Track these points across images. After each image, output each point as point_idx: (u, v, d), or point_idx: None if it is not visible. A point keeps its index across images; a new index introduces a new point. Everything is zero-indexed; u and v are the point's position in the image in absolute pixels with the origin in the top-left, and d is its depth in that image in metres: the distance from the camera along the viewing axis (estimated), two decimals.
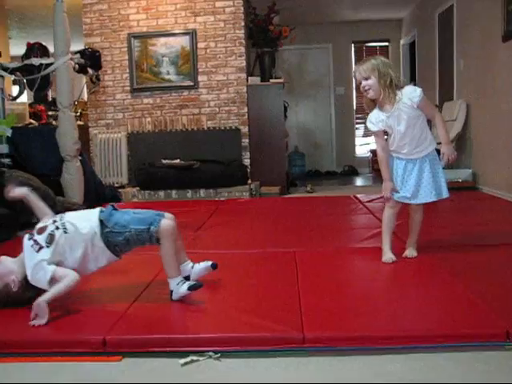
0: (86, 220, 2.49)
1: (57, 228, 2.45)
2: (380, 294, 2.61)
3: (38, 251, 2.40)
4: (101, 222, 2.47)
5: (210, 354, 2.03)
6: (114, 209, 2.58)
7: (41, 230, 2.46)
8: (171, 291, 2.47)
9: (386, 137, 3.14)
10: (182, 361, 1.99)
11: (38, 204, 2.65)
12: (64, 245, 2.42)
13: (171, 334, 2.14)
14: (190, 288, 2.43)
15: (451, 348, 2.01)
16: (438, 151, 3.08)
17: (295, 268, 3.01)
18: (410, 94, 2.95)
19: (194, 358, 2.01)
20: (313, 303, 2.41)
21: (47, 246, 2.40)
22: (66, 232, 2.44)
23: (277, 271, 3.00)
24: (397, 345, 2.03)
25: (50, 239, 2.42)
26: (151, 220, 2.46)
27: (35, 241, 2.43)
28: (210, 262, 2.74)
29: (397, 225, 3.19)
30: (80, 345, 2.09)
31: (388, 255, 3.06)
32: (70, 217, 2.53)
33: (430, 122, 3.18)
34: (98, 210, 2.55)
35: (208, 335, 2.11)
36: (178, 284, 2.45)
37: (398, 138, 3.02)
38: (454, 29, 7.09)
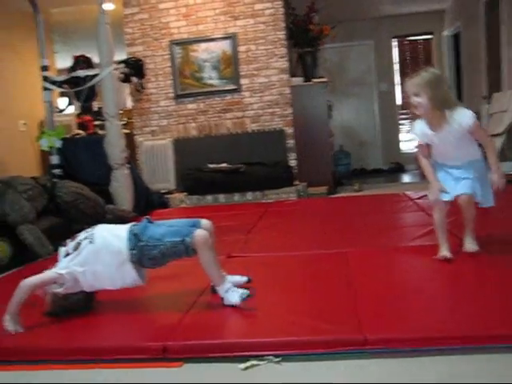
0: (114, 235, 2.50)
1: (85, 238, 2.49)
2: (439, 293, 2.55)
3: (65, 257, 2.48)
4: (135, 235, 2.46)
5: (271, 358, 2.01)
6: (149, 221, 2.58)
7: (74, 237, 2.53)
8: (222, 298, 2.46)
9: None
10: (243, 365, 1.98)
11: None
12: (87, 255, 2.45)
13: (231, 338, 2.14)
14: (243, 299, 2.42)
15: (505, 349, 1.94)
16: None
17: (348, 268, 2.97)
18: (461, 118, 2.82)
19: (255, 362, 2.00)
20: (370, 304, 2.38)
21: (71, 253, 2.48)
22: (91, 243, 2.46)
23: (330, 272, 2.96)
24: (464, 345, 1.97)
25: (76, 247, 2.48)
26: (186, 232, 2.44)
27: (67, 247, 2.51)
28: (245, 278, 2.72)
29: (452, 221, 3.12)
30: (141, 351, 2.10)
31: (442, 253, 2.99)
32: (101, 229, 2.55)
33: None
34: (128, 225, 2.54)
35: (268, 339, 2.09)
36: (226, 292, 2.44)
37: (443, 153, 2.97)
38: (501, 16, 6.92)
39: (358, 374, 1.89)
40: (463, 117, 2.82)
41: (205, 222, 2.60)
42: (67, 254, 2.49)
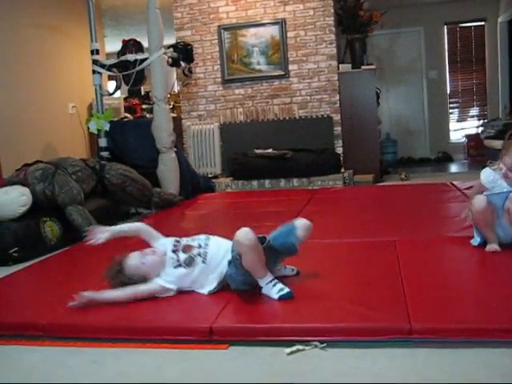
0: (224, 258, 2.50)
1: (199, 254, 2.51)
2: (486, 284, 2.50)
3: (175, 267, 2.50)
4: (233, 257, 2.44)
5: (316, 343, 2.02)
6: None
7: (186, 248, 2.54)
8: (260, 287, 2.43)
9: None
10: (288, 350, 1.99)
11: (143, 232, 2.75)
12: (199, 275, 2.50)
13: (276, 323, 2.15)
14: (281, 298, 2.36)
15: None
16: None
17: (396, 257, 2.95)
18: None
19: (300, 347, 2.01)
20: (417, 293, 2.35)
21: (184, 267, 2.49)
22: (204, 262, 2.50)
23: (378, 260, 2.94)
24: (509, 338, 1.94)
25: (189, 262, 2.50)
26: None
27: (178, 256, 2.52)
28: (295, 270, 2.72)
29: None
30: (188, 333, 2.13)
31: (491, 245, 2.94)
32: (214, 247, 2.55)
33: None
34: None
35: (314, 325, 2.10)
36: (267, 284, 2.41)
37: None
38: None
39: (402, 362, 1.88)
40: None
41: (302, 223, 2.65)
42: (178, 265, 2.50)
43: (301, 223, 2.62)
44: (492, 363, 1.83)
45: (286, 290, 2.38)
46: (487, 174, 3.03)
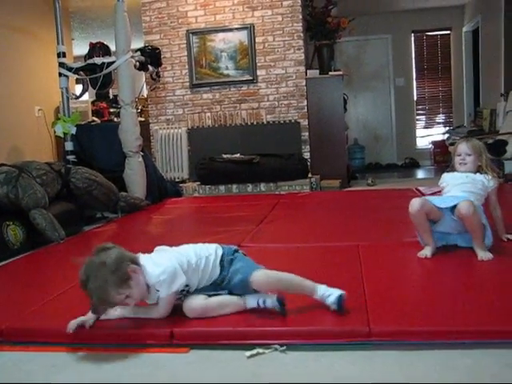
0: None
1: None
2: (447, 288, 2.54)
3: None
4: None
5: (276, 346, 2.03)
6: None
7: None
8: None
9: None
10: (248, 353, 1.99)
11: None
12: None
13: (237, 326, 2.15)
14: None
15: None
16: None
17: (359, 261, 2.98)
18: (488, 181, 3.17)
19: (260, 350, 2.01)
20: (378, 297, 2.38)
21: None
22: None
23: (341, 264, 2.97)
24: (468, 340, 1.98)
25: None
26: None
27: None
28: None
29: None
30: (148, 337, 2.13)
31: (424, 250, 3.06)
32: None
33: None
34: None
35: (274, 328, 2.10)
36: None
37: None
38: None
39: (362, 365, 1.90)
40: (490, 180, 3.17)
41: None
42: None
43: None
44: (450, 364, 1.85)
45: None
46: (442, 176, 3.34)
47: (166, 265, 2.20)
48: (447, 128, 10.04)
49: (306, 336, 2.05)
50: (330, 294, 2.20)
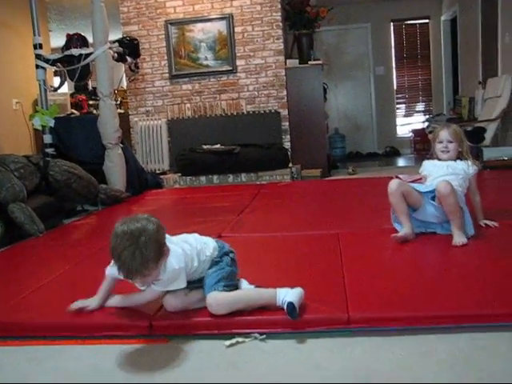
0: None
1: None
2: (425, 274, 2.56)
3: None
4: None
5: (256, 335, 2.03)
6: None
7: None
8: None
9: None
10: (228, 343, 2.00)
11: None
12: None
13: (216, 317, 2.14)
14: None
15: (502, 328, 1.97)
16: None
17: (339, 249, 2.99)
18: (469, 167, 3.22)
19: (240, 339, 2.02)
20: (357, 284, 2.39)
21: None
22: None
23: (321, 253, 2.98)
24: (445, 324, 2.00)
25: None
26: None
27: None
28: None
29: None
30: (127, 329, 2.12)
31: (400, 233, 3.10)
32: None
33: None
34: None
35: (253, 317, 2.11)
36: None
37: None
38: (498, 1, 6.89)
39: (341, 352, 1.91)
40: (471, 166, 3.22)
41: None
42: None
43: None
44: (428, 349, 1.87)
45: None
46: (423, 164, 3.38)
47: (177, 263, 2.11)
48: (427, 116, 10.10)
49: (286, 324, 2.06)
50: (285, 300, 2.08)
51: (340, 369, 1.79)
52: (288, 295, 2.11)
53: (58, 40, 7.73)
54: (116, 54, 5.99)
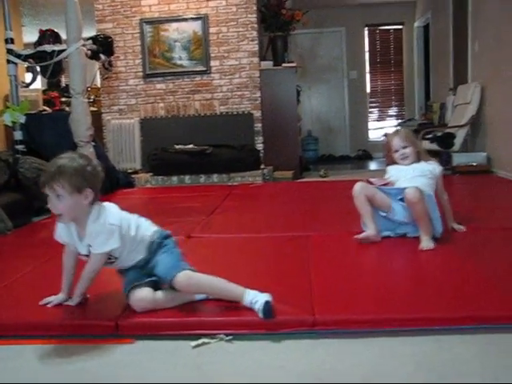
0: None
1: None
2: (392, 277, 2.60)
3: None
4: None
5: (222, 336, 2.04)
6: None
7: None
8: None
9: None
10: (194, 343, 2.01)
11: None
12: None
13: (183, 317, 2.15)
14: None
15: (466, 330, 2.01)
16: None
17: (308, 251, 3.02)
18: (434, 167, 3.28)
19: (206, 340, 2.02)
20: (324, 286, 2.42)
21: None
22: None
23: (290, 255, 3.00)
24: (410, 327, 2.03)
25: None
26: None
27: None
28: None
29: None
30: (93, 329, 2.11)
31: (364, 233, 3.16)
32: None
33: None
34: None
35: (219, 318, 2.12)
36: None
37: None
38: (468, 9, 7.00)
39: (307, 354, 1.93)
40: (436, 167, 3.28)
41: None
42: None
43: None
44: (393, 352, 1.90)
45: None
46: (387, 169, 3.42)
47: (112, 219, 2.23)
48: (399, 121, 10.20)
49: (252, 326, 2.07)
50: (257, 300, 2.12)
51: (304, 370, 1.81)
52: (260, 296, 2.13)
53: (30, 35, 7.64)
54: (89, 52, 5.96)
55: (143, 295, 2.20)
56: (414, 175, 3.20)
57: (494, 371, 1.74)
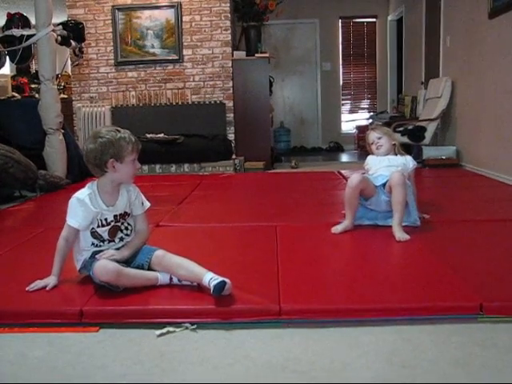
0: None
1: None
2: (357, 268, 2.62)
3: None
4: None
5: (187, 325, 2.04)
6: None
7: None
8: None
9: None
10: (158, 332, 2.00)
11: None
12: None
13: (147, 305, 2.14)
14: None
15: (426, 320, 2.04)
16: None
17: (275, 241, 3.02)
18: (408, 161, 3.41)
19: (171, 329, 2.02)
20: (291, 276, 2.42)
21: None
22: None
23: (257, 244, 3.00)
24: (372, 317, 2.05)
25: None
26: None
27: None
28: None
29: None
30: (57, 316, 2.09)
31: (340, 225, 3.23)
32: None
33: None
34: None
35: (184, 307, 2.12)
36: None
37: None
38: (441, 5, 7.06)
39: (272, 343, 1.93)
40: (410, 161, 3.41)
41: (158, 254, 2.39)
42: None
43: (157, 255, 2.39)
44: (355, 341, 1.92)
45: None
46: (367, 158, 3.52)
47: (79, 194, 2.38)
48: (371, 113, 10.26)
49: (217, 314, 2.07)
50: (215, 279, 2.15)
51: (268, 359, 1.81)
52: (221, 278, 2.16)
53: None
54: (60, 38, 5.86)
55: (107, 263, 2.22)
56: (388, 164, 3.32)
57: (454, 360, 1.76)
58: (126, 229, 2.44)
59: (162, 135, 6.80)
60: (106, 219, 2.36)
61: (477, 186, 4.93)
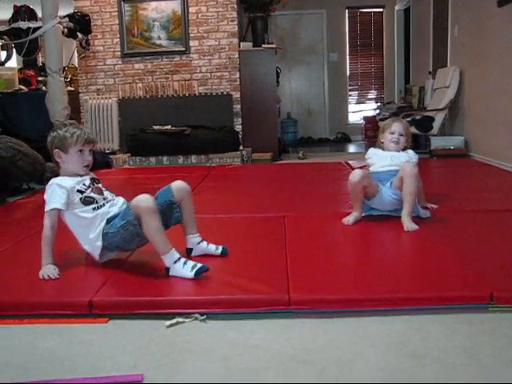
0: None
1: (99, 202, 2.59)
2: (366, 258, 2.62)
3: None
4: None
5: (196, 316, 2.04)
6: None
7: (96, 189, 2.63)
8: (167, 268, 2.33)
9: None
10: (168, 323, 2.00)
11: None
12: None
13: (157, 296, 2.14)
14: (197, 274, 2.27)
15: (436, 310, 2.03)
16: None
17: (284, 232, 3.02)
18: (411, 156, 3.34)
19: (180, 319, 2.02)
20: (300, 266, 2.42)
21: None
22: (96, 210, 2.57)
23: (266, 235, 3.00)
24: (382, 307, 2.05)
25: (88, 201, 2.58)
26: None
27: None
28: (220, 249, 2.63)
29: None
30: (66, 307, 2.09)
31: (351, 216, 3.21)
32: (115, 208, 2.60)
33: None
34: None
35: (194, 297, 2.12)
36: (175, 263, 2.31)
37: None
38: None
39: (281, 333, 1.93)
40: (413, 156, 3.35)
41: (176, 183, 2.67)
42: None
43: (175, 184, 2.67)
44: (366, 330, 1.92)
45: (199, 264, 2.31)
46: (369, 151, 3.48)
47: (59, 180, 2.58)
48: (378, 104, 10.22)
49: (226, 305, 2.07)
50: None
51: (278, 350, 1.81)
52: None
53: (5, 12, 7.50)
54: (66, 30, 5.86)
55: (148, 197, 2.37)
56: (390, 163, 3.26)
57: (464, 350, 1.76)
58: (106, 190, 2.64)
59: (169, 127, 6.79)
60: (84, 184, 2.56)
61: (485, 176, 4.90)
